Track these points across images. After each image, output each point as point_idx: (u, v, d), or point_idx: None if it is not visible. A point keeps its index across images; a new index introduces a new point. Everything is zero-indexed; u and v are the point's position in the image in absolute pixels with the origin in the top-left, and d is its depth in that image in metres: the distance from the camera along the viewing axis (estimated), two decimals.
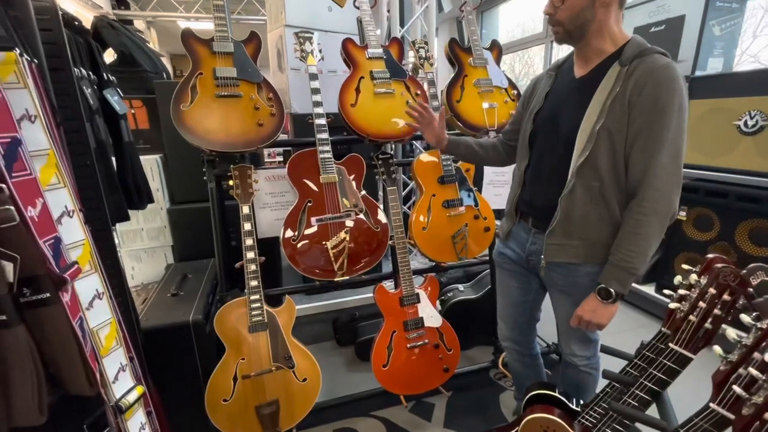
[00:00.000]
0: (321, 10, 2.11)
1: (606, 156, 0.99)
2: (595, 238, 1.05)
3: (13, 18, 0.64)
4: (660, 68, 0.92)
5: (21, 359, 0.56)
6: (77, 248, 0.68)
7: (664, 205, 0.96)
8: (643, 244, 0.98)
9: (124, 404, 0.74)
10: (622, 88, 0.95)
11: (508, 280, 1.33)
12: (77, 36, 0.90)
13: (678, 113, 0.92)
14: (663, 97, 0.91)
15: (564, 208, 1.06)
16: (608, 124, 0.97)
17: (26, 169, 0.58)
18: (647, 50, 0.96)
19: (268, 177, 1.67)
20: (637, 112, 0.94)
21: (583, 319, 1.06)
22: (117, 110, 1.00)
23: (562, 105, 1.09)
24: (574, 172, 1.03)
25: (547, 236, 1.11)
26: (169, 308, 1.47)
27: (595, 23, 0.98)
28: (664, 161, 0.94)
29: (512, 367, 1.52)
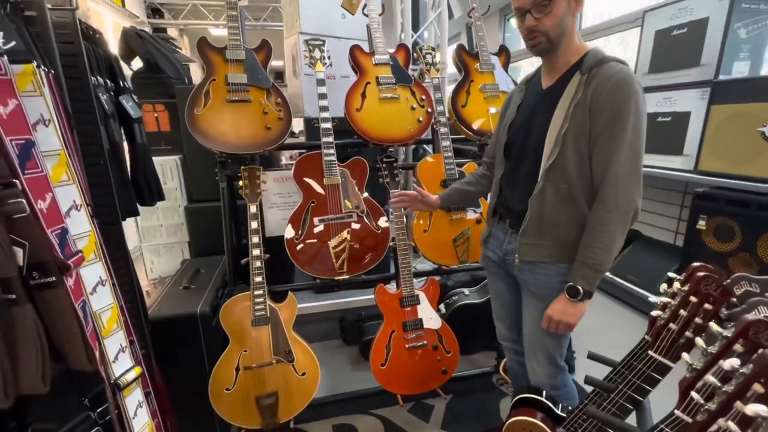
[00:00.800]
0: (335, 18, 2.17)
1: (572, 159, 1.04)
2: (566, 238, 1.09)
3: (34, 33, 0.72)
4: (616, 74, 0.98)
5: (28, 334, 0.63)
6: (83, 239, 0.75)
7: (624, 202, 1.00)
8: (607, 240, 1.02)
9: (123, 382, 0.81)
10: (583, 95, 1.01)
11: (496, 283, 1.36)
12: (97, 47, 1.00)
13: (635, 115, 0.97)
14: (619, 99, 0.97)
15: (534, 208, 1.11)
16: (572, 128, 1.02)
17: (38, 167, 0.66)
18: (604, 59, 1.02)
19: (277, 178, 1.75)
20: (597, 116, 1.00)
21: (553, 319, 1.09)
22: (131, 114, 1.10)
23: (533, 115, 1.14)
24: (543, 174, 1.08)
25: (521, 236, 1.15)
26: (179, 300, 1.56)
27: (568, 33, 1.04)
28: (622, 160, 0.98)
29: (511, 368, 1.51)
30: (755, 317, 0.62)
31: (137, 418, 0.86)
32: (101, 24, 4.09)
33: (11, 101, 0.62)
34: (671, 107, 2.51)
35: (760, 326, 0.61)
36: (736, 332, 0.62)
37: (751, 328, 0.61)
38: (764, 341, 0.61)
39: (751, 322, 0.61)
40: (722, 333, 0.65)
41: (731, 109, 2.14)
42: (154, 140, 2.03)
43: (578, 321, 1.08)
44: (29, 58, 0.67)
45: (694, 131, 2.35)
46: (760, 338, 0.61)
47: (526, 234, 1.14)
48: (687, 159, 2.41)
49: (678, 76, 2.47)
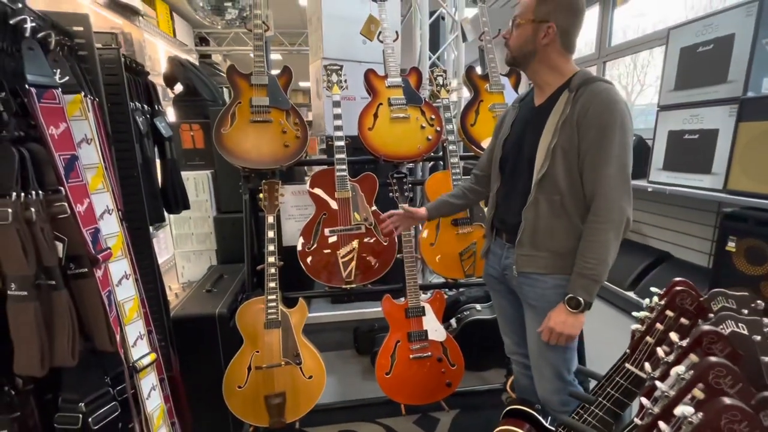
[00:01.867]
0: (356, 44, 2.32)
1: (562, 171, 1.09)
2: (561, 249, 1.12)
3: (84, 69, 0.89)
4: (601, 92, 1.04)
5: (63, 315, 0.76)
6: (113, 238, 0.89)
7: (616, 214, 1.04)
8: (602, 251, 1.05)
9: (139, 365, 0.93)
10: (570, 111, 1.07)
11: (499, 299, 1.39)
12: (138, 77, 1.17)
13: (621, 129, 1.03)
14: (605, 116, 1.03)
15: (528, 218, 1.15)
16: (561, 142, 1.08)
17: (79, 177, 0.80)
18: (591, 79, 1.08)
19: (294, 192, 1.88)
20: (584, 131, 1.05)
21: (555, 331, 1.10)
22: (163, 134, 1.26)
23: (525, 131, 1.20)
24: (534, 187, 1.13)
25: (517, 247, 1.19)
26: (202, 301, 1.71)
27: (538, 56, 1.12)
28: (611, 173, 1.03)
29: (518, 382, 1.51)
30: (709, 328, 0.64)
31: (150, 400, 0.97)
32: (155, 52, 4.55)
33: (62, 124, 0.77)
34: (698, 125, 2.44)
35: (714, 336, 0.63)
36: (691, 342, 0.64)
37: (705, 338, 0.63)
38: (717, 351, 0.62)
39: (705, 332, 0.63)
40: (679, 343, 0.67)
41: (761, 127, 2.06)
42: (190, 156, 2.24)
43: (577, 332, 1.10)
44: (78, 90, 0.82)
45: (723, 149, 2.27)
46: (713, 348, 0.63)
47: (521, 245, 1.18)
48: (716, 178, 2.32)
49: (705, 93, 2.41)
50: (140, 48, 3.97)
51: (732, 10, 2.23)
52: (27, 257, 0.70)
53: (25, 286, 0.72)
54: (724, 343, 0.62)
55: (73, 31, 0.88)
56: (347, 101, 2.19)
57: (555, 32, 1.08)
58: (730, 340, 0.62)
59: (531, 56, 1.13)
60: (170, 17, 4.84)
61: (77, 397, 0.83)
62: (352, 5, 2.20)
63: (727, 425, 0.46)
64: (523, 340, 1.39)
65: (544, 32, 1.08)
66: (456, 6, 2.70)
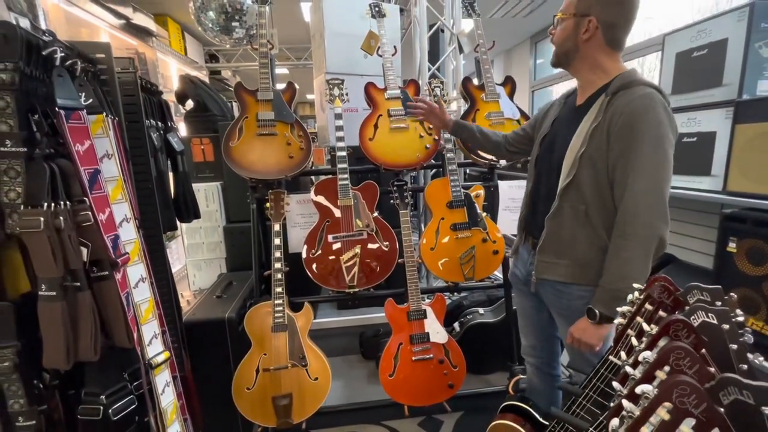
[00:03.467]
0: (358, 58, 2.42)
1: (589, 181, 1.05)
2: (583, 259, 1.10)
3: (105, 91, 0.98)
4: (637, 99, 0.98)
5: (86, 313, 0.84)
6: (130, 244, 0.97)
7: (644, 230, 0.98)
8: (625, 267, 1.00)
9: (154, 362, 1.00)
10: (603, 118, 1.02)
11: (522, 300, 1.39)
12: (152, 96, 1.27)
13: (654, 141, 0.97)
14: (637, 126, 0.97)
15: (550, 226, 1.14)
16: (590, 150, 1.04)
17: (101, 189, 0.89)
18: (631, 82, 1.01)
19: (299, 201, 1.96)
20: (614, 140, 1.00)
21: (574, 337, 1.09)
22: (176, 148, 1.35)
23: (560, 131, 1.17)
24: (559, 194, 1.10)
25: (538, 253, 1.18)
26: (212, 307, 1.78)
27: (579, 53, 1.08)
28: (641, 188, 0.98)
29: (530, 381, 1.51)
30: (676, 317, 0.69)
31: (164, 395, 1.04)
32: (167, 70, 4.74)
33: (86, 142, 0.86)
34: (696, 127, 2.47)
35: (679, 324, 0.68)
36: (659, 330, 0.69)
37: (672, 326, 0.68)
38: (683, 338, 0.67)
39: (672, 320, 0.68)
40: (649, 331, 0.71)
41: (757, 128, 2.08)
42: (201, 169, 2.34)
43: (598, 342, 1.06)
44: (101, 110, 0.91)
45: (721, 151, 2.29)
46: (680, 335, 0.67)
47: (543, 252, 1.16)
48: (715, 180, 2.34)
49: (701, 96, 2.44)
50: (153, 67, 4.16)
51: (724, 15, 2.28)
52: (56, 261, 0.79)
53: (54, 287, 0.80)
54: (690, 330, 0.66)
55: (96, 58, 0.98)
56: (350, 113, 2.28)
57: (596, 26, 1.02)
58: (695, 327, 0.67)
59: (572, 53, 1.07)
60: (182, 36, 5.05)
61: (98, 390, 0.90)
62: (354, 22, 2.31)
63: (678, 398, 0.50)
64: (540, 343, 1.40)
65: (584, 27, 1.03)
66: (454, 19, 2.79)
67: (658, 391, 0.52)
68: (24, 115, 0.79)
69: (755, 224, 2.02)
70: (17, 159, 0.78)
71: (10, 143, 0.77)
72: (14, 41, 0.75)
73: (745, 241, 2.10)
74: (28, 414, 0.86)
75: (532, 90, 6.05)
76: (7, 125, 0.76)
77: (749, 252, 2.09)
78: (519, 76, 6.30)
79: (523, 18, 4.85)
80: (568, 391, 0.97)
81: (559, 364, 1.47)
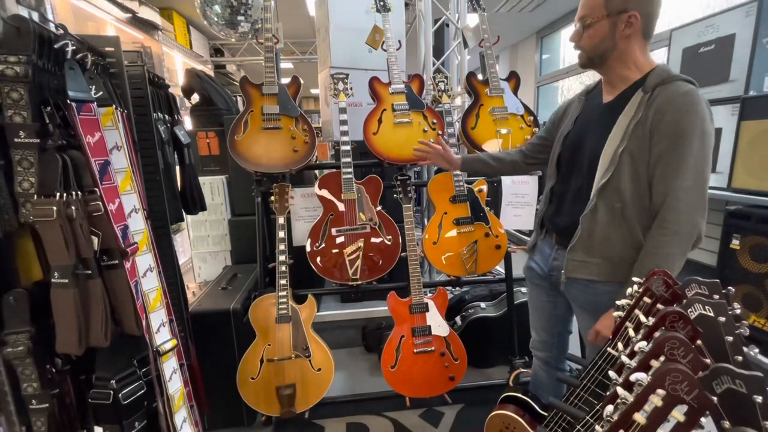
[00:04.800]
0: (362, 52, 2.42)
1: (628, 178, 1.03)
2: (617, 257, 1.08)
3: (115, 84, 1.00)
4: (681, 95, 0.96)
5: (97, 300, 0.86)
6: (139, 234, 0.99)
7: (686, 227, 0.98)
8: (663, 264, 0.98)
9: (162, 350, 1.03)
10: (644, 114, 1.00)
11: (537, 294, 1.38)
12: (159, 90, 1.29)
13: (700, 138, 0.95)
14: (683, 122, 0.95)
15: (585, 226, 1.11)
16: (631, 147, 1.01)
17: (111, 180, 0.91)
18: (670, 78, 0.99)
19: (303, 194, 1.97)
20: (658, 138, 0.98)
21: (601, 334, 1.08)
22: (182, 141, 1.37)
23: (589, 129, 1.14)
24: (596, 193, 1.08)
25: (569, 252, 1.16)
26: (217, 298, 1.81)
27: (616, 52, 1.05)
28: (685, 185, 0.96)
29: (536, 375, 1.51)
30: (672, 308, 0.70)
31: (172, 381, 1.07)
32: (173, 64, 4.76)
33: (97, 133, 0.88)
34: None
35: (675, 315, 0.69)
36: (655, 321, 0.71)
37: (668, 317, 0.69)
38: (679, 329, 0.68)
39: (668, 312, 0.70)
40: (646, 323, 0.73)
41: (763, 125, 2.07)
42: (206, 162, 2.37)
43: None
44: (110, 103, 0.93)
45: (726, 148, 2.28)
46: (676, 326, 0.69)
47: (575, 251, 1.14)
48: (721, 177, 2.33)
49: (707, 92, 2.42)
50: (159, 61, 4.18)
51: (732, 10, 2.26)
52: (68, 249, 0.81)
53: (66, 275, 0.83)
54: (686, 322, 0.67)
55: (105, 51, 0.99)
56: (354, 107, 2.29)
57: (639, 20, 0.99)
58: (691, 319, 0.68)
59: (609, 52, 1.05)
60: (187, 30, 5.06)
61: (109, 375, 0.93)
62: (358, 16, 2.31)
63: (670, 385, 0.52)
64: (552, 339, 1.40)
65: (624, 23, 1.00)
66: (459, 13, 2.79)
67: (651, 378, 0.53)
68: (37, 107, 0.81)
69: (759, 221, 2.02)
70: (31, 150, 0.80)
71: (23, 134, 0.79)
72: (27, 34, 0.77)
73: (748, 238, 2.10)
74: (41, 397, 0.89)
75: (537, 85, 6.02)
76: (21, 117, 0.78)
77: (753, 249, 2.09)
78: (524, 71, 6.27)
79: (529, 12, 4.82)
80: (566, 382, 0.99)
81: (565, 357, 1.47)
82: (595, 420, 0.81)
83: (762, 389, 0.58)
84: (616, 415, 0.58)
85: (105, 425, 0.98)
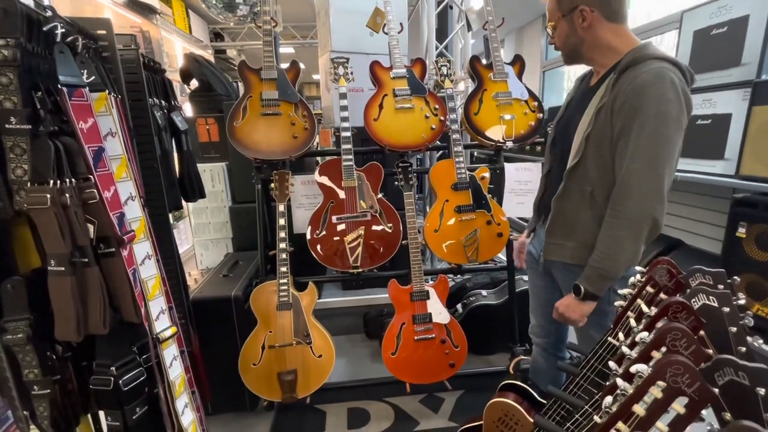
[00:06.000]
0: (363, 36, 2.37)
1: (594, 162, 1.05)
2: (590, 241, 1.09)
3: (107, 68, 0.98)
4: (642, 74, 0.95)
5: (95, 288, 0.86)
6: (136, 222, 0.99)
7: (636, 211, 0.98)
8: (613, 246, 1.01)
9: (162, 337, 1.03)
10: (609, 97, 1.01)
11: (535, 279, 1.40)
12: (155, 75, 1.26)
13: (655, 119, 0.94)
14: (636, 103, 0.95)
15: (556, 208, 1.15)
16: (595, 131, 1.04)
17: (106, 167, 0.90)
18: (641, 57, 0.98)
19: (304, 181, 1.96)
20: (616, 119, 0.99)
21: (559, 312, 1.13)
22: (179, 127, 1.35)
23: (574, 113, 1.16)
24: (566, 176, 1.11)
25: (546, 234, 1.20)
26: (218, 285, 1.82)
27: (586, 44, 1.08)
28: (635, 166, 0.97)
29: (535, 361, 1.52)
30: (674, 298, 0.69)
31: (172, 368, 1.07)
32: (172, 49, 4.69)
33: (90, 119, 0.86)
34: (711, 109, 2.40)
35: (678, 306, 0.68)
36: (658, 311, 0.69)
37: (671, 308, 0.68)
38: (682, 320, 0.67)
39: (671, 302, 0.68)
40: (648, 313, 0.71)
41: None
42: (206, 149, 2.35)
43: (581, 318, 1.09)
44: (103, 88, 0.91)
45: (735, 134, 2.23)
46: (678, 317, 0.67)
47: (552, 234, 1.18)
48: (728, 163, 2.28)
49: (718, 77, 2.36)
50: (158, 45, 4.11)
51: None
52: (63, 237, 0.80)
53: (62, 263, 0.82)
54: (689, 312, 0.66)
55: (97, 34, 0.97)
56: (355, 93, 2.25)
57: (590, 10, 1.02)
58: (694, 309, 0.67)
59: (579, 47, 1.09)
60: (186, 14, 4.97)
61: (109, 362, 0.94)
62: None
63: (671, 377, 0.51)
64: (549, 324, 1.40)
65: (579, 18, 1.04)
66: None
67: (652, 370, 0.52)
68: (27, 93, 0.79)
69: (767, 209, 1.98)
70: (22, 136, 0.78)
71: (14, 120, 0.77)
72: (14, 16, 0.74)
73: (755, 226, 2.06)
74: (43, 383, 0.90)
75: (543, 70, 5.90)
76: (11, 102, 0.77)
77: (759, 237, 2.06)
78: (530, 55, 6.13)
79: None
80: (566, 371, 0.98)
81: (566, 346, 1.48)
82: (594, 409, 0.80)
83: (765, 381, 0.57)
84: (615, 406, 0.57)
85: (107, 410, 0.99)
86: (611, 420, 0.56)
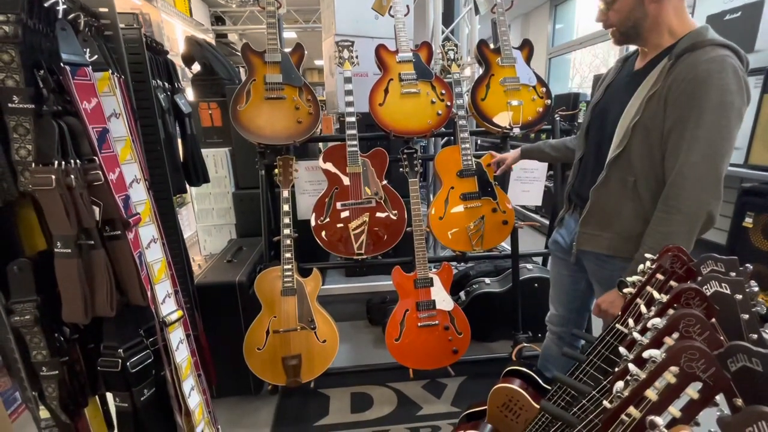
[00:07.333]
0: (368, 19, 2.32)
1: (641, 152, 0.99)
2: (628, 232, 1.06)
3: (110, 48, 0.95)
4: (703, 62, 0.88)
5: (101, 270, 0.86)
6: (141, 205, 0.98)
7: (691, 206, 0.93)
8: (664, 242, 0.92)
9: (168, 320, 1.03)
10: (662, 84, 0.94)
11: (560, 268, 1.37)
12: (158, 56, 1.24)
13: (717, 110, 0.88)
14: (697, 92, 0.88)
15: (595, 198, 1.09)
16: (644, 120, 0.97)
17: (110, 149, 0.88)
18: (701, 42, 0.91)
19: (308, 167, 1.95)
20: (671, 109, 0.93)
21: (601, 309, 1.08)
22: (183, 110, 1.33)
23: (615, 98, 1.09)
24: (608, 165, 1.05)
25: (580, 224, 1.14)
26: (223, 271, 1.82)
27: (649, 19, 0.98)
28: (693, 160, 0.91)
29: (548, 348, 1.51)
30: (687, 285, 0.68)
31: (179, 351, 1.08)
32: (172, 32, 4.62)
33: (93, 99, 0.85)
34: None
35: (691, 292, 0.67)
36: (670, 298, 0.69)
37: (683, 294, 0.67)
38: (695, 306, 0.66)
39: (684, 288, 0.67)
40: (659, 299, 0.71)
41: None
42: (209, 134, 2.33)
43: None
44: (106, 68, 0.89)
45: (746, 123, 2.19)
46: (691, 304, 0.67)
47: (587, 224, 1.13)
48: (737, 152, 2.25)
49: None
50: (158, 28, 4.05)
51: None
52: (69, 219, 0.79)
53: (69, 245, 0.82)
54: (702, 299, 0.65)
55: (99, 12, 0.94)
56: (360, 78, 2.21)
57: None
58: (707, 296, 0.66)
59: (642, 22, 0.98)
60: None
61: (116, 344, 0.94)
62: None
63: (686, 363, 0.50)
64: (570, 314, 1.39)
65: None
66: None
67: (666, 355, 0.52)
68: (30, 71, 0.77)
69: None
70: (26, 116, 0.77)
71: (17, 99, 0.76)
72: None
73: (762, 215, 2.05)
74: (51, 364, 0.90)
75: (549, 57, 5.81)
76: (14, 80, 0.75)
77: (766, 227, 2.04)
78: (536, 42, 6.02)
79: None
80: (572, 357, 0.98)
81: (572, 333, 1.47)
82: (602, 395, 0.80)
83: None
84: (627, 391, 0.56)
85: (115, 392, 0.99)
86: (623, 405, 0.56)
